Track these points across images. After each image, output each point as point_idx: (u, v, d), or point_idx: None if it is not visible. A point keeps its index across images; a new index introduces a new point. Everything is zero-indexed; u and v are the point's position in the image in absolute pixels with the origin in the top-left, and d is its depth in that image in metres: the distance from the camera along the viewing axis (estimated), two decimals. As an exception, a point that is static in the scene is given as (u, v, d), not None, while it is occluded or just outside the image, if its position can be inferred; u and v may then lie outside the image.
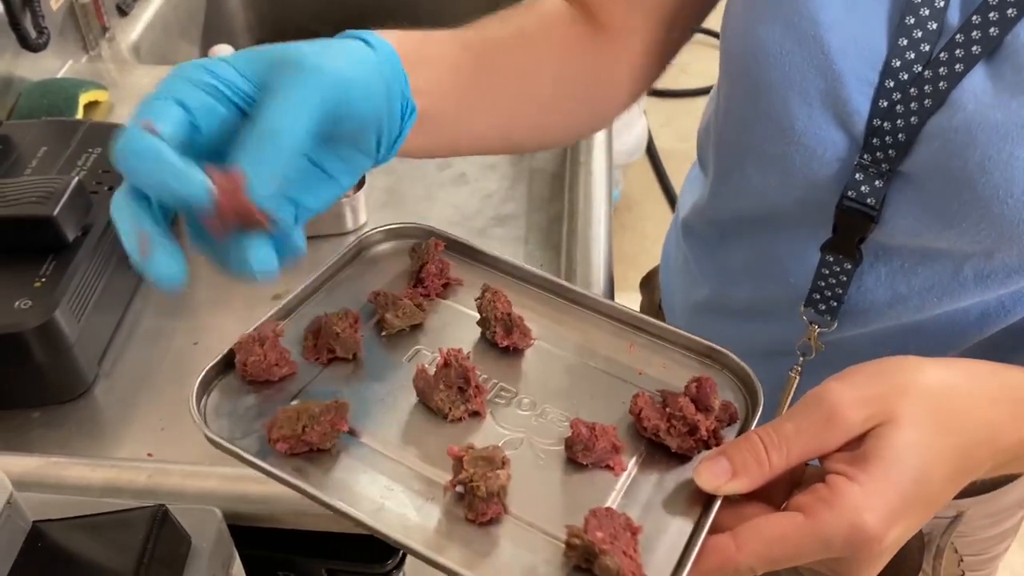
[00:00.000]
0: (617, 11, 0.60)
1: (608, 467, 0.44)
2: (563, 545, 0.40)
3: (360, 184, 0.87)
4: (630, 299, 0.71)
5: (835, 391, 0.41)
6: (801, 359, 0.62)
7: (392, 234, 0.57)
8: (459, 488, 0.42)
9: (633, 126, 2.19)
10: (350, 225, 0.87)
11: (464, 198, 0.94)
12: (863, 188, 0.52)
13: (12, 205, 0.72)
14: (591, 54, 0.60)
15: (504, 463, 0.42)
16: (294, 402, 0.47)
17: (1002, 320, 0.55)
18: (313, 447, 0.45)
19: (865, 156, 0.52)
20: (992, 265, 0.51)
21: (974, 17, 0.47)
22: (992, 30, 0.46)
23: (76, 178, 0.74)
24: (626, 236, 2.33)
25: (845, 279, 0.57)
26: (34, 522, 0.51)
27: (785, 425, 0.41)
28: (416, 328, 0.51)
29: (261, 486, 0.64)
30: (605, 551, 0.38)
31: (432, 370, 0.47)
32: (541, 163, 0.99)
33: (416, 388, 0.47)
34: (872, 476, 0.39)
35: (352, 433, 0.46)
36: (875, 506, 0.39)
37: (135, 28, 1.20)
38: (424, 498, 0.43)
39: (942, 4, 0.48)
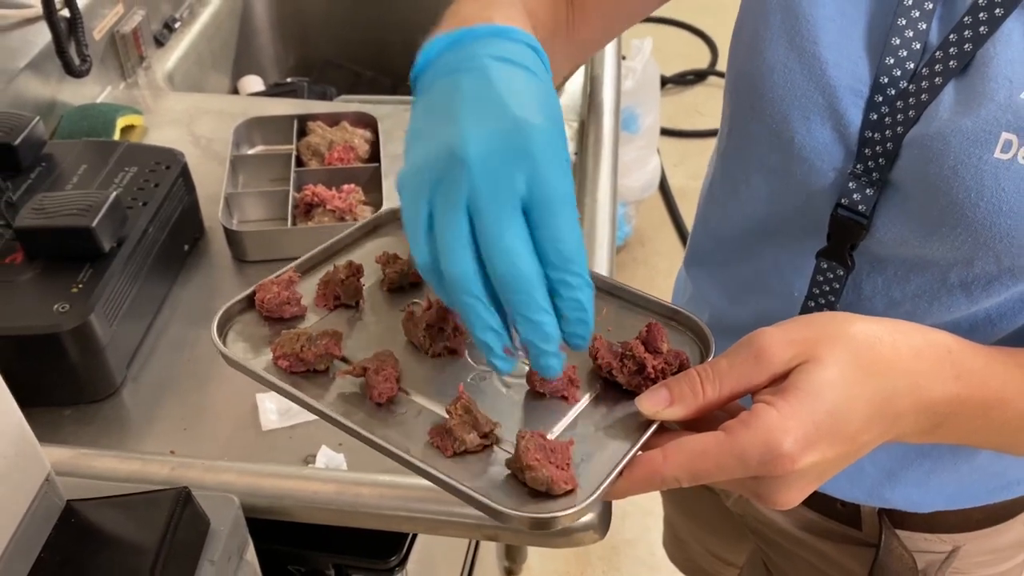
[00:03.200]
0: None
1: (563, 397, 0.49)
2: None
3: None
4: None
5: (767, 334, 0.45)
6: None
7: None
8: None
9: (646, 163, 2.24)
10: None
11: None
12: (855, 196, 0.57)
13: (54, 216, 0.77)
14: (568, 19, 0.67)
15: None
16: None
17: (990, 333, 0.59)
18: (309, 367, 0.50)
19: (858, 166, 0.56)
20: (973, 272, 0.55)
21: (951, 35, 0.52)
22: (967, 46, 0.51)
23: (114, 193, 0.80)
24: (638, 270, 2.38)
25: (838, 286, 0.61)
26: (68, 500, 0.56)
27: (720, 362, 0.45)
28: (415, 286, 0.58)
29: (275, 480, 0.69)
30: (533, 466, 0.43)
31: (419, 314, 0.53)
32: (550, 192, 1.04)
33: (404, 328, 0.53)
34: (789, 403, 0.42)
35: (345, 360, 0.52)
36: (789, 428, 0.42)
37: (170, 58, 1.27)
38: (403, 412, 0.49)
39: (924, 26, 0.53)
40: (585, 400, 0.50)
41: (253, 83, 1.41)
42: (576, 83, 1.21)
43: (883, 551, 0.72)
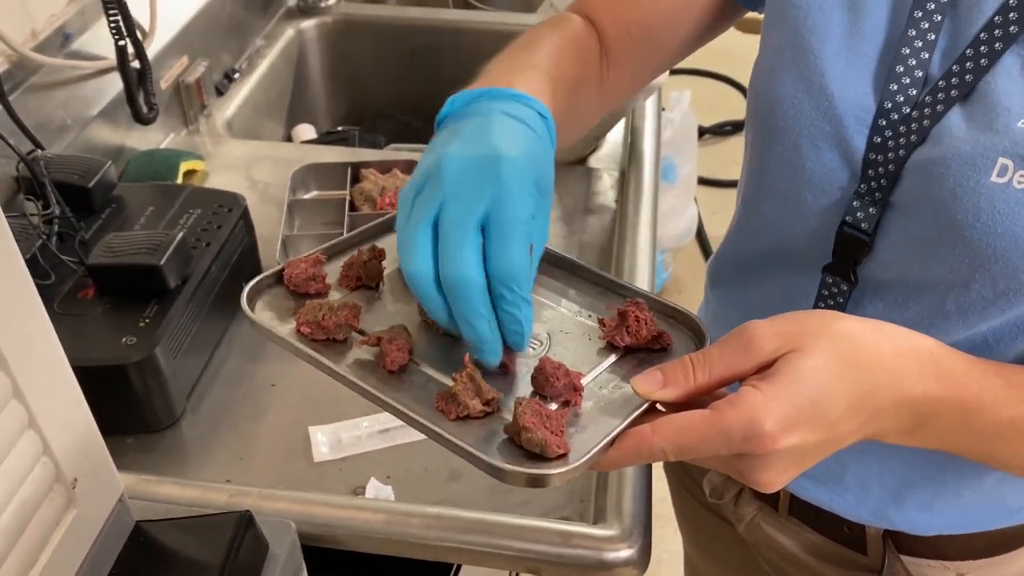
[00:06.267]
0: (619, 44, 0.71)
1: (566, 403, 0.51)
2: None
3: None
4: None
5: (757, 325, 0.47)
6: None
7: None
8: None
9: (684, 212, 2.27)
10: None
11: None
12: (859, 215, 0.60)
13: (124, 255, 0.82)
14: (602, 70, 0.71)
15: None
16: None
17: (988, 356, 0.60)
18: (329, 335, 0.54)
19: (861, 186, 0.59)
20: (970, 298, 0.57)
21: (954, 66, 0.55)
22: (968, 76, 0.55)
23: (180, 234, 0.85)
24: (674, 318, 2.39)
25: (842, 300, 0.64)
26: (137, 521, 0.59)
27: (712, 350, 0.48)
28: None
29: (328, 509, 0.72)
30: (528, 428, 0.46)
31: None
32: (591, 238, 1.08)
33: (419, 308, 0.56)
34: (773, 386, 0.45)
35: (362, 333, 0.55)
36: (772, 409, 0.44)
37: (230, 107, 1.33)
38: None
39: (927, 56, 0.57)
40: (587, 379, 0.53)
41: (306, 131, 1.47)
42: (617, 134, 1.25)
43: (886, 574, 0.73)
